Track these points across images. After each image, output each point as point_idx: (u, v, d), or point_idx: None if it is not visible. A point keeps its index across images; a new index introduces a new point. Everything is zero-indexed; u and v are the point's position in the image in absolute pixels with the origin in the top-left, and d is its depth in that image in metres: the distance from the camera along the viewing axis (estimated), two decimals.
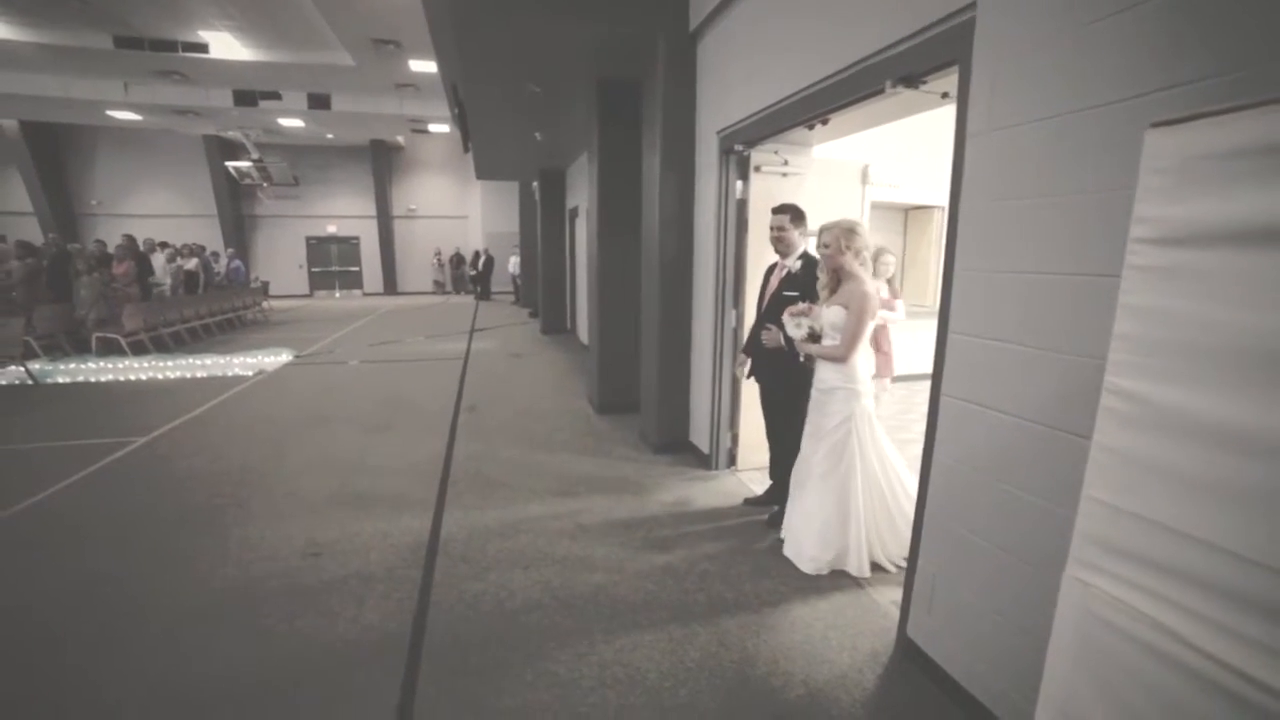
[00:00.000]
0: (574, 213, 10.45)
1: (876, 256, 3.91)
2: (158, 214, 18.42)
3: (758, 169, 3.80)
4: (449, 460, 4.44)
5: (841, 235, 2.86)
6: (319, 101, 14.50)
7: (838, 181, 4.04)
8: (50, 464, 4.35)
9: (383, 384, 7.08)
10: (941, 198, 7.09)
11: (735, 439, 4.16)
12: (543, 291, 11.61)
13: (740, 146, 3.72)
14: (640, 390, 5.04)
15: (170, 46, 11.56)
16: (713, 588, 2.76)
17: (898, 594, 2.45)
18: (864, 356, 2.92)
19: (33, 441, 4.92)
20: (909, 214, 7.46)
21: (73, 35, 11.19)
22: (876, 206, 6.04)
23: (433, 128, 16.99)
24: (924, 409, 2.20)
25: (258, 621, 2.51)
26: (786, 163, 3.84)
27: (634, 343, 5.25)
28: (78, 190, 18.28)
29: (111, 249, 9.72)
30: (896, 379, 4.52)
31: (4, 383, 6.83)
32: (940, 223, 6.97)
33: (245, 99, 13.91)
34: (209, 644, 2.38)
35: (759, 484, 3.93)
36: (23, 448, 4.80)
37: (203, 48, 11.66)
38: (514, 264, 17.48)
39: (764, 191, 3.84)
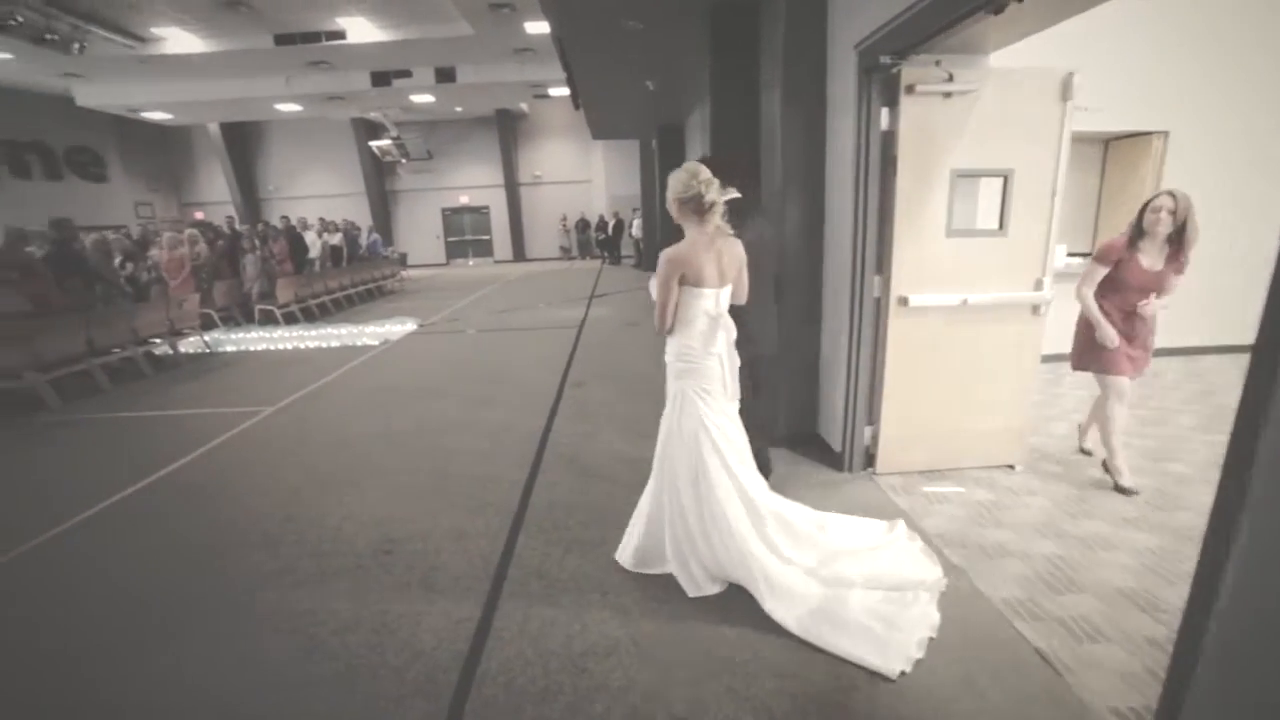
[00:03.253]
0: None
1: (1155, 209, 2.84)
2: (317, 195, 20.41)
3: (910, 90, 2.87)
4: (544, 445, 4.11)
5: None
6: (445, 75, 14.88)
7: (1025, 100, 2.96)
8: (193, 432, 4.67)
9: (495, 354, 7.02)
10: (1168, 120, 5.47)
11: (876, 436, 3.35)
12: (658, 248, 11.08)
13: (888, 59, 2.81)
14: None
15: (315, 37, 12.41)
16: None
17: None
18: None
19: (189, 408, 5.39)
20: (1110, 146, 5.80)
21: (243, 40, 12.44)
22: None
23: (553, 91, 16.84)
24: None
25: (307, 629, 2.31)
26: (951, 78, 2.86)
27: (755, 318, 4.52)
28: (259, 178, 20.75)
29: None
30: (1048, 358, 3.46)
31: (189, 350, 7.70)
32: (1163, 156, 5.31)
33: (380, 80, 14.64)
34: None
35: (902, 493, 3.12)
36: (180, 414, 5.25)
37: (341, 34, 12.36)
38: (635, 227, 17.10)
39: (920, 120, 2.91)
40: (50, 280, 6.59)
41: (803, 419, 3.87)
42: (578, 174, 21.23)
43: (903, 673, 1.91)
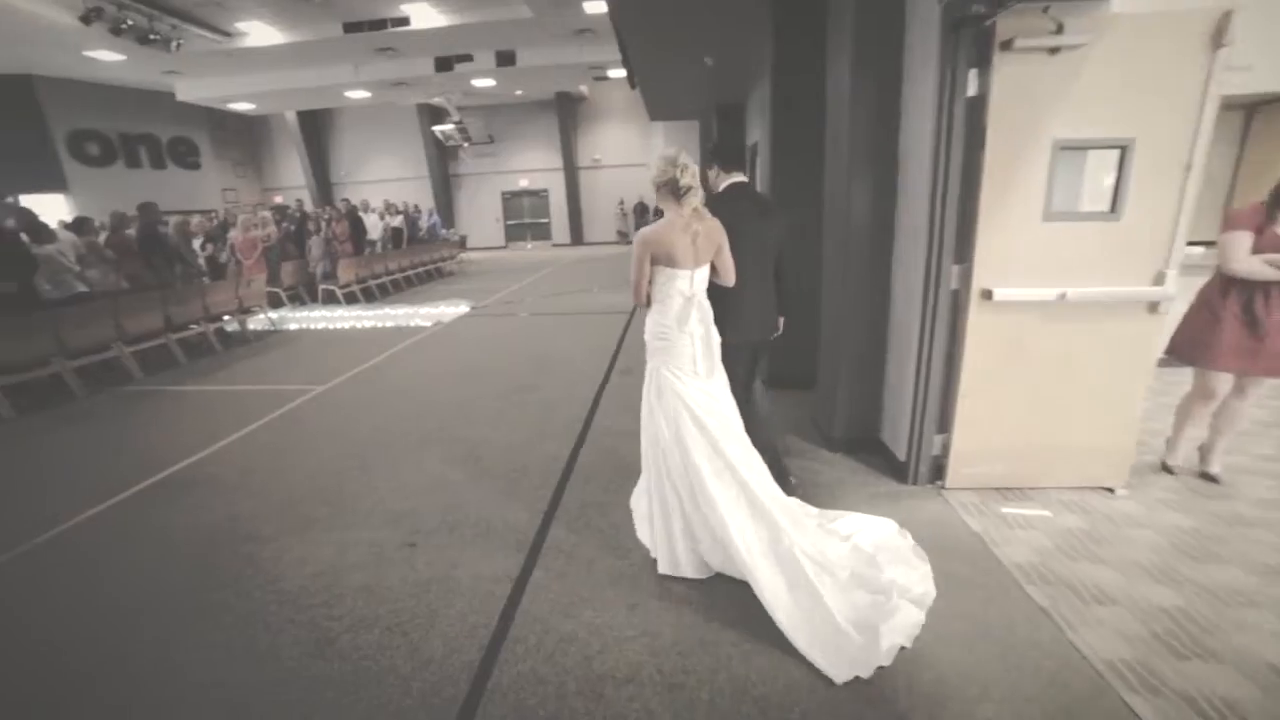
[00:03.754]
0: (753, 150, 9.26)
1: None
2: (384, 179, 21.05)
3: (1007, 45, 2.45)
4: (584, 435, 3.94)
5: None
6: (505, 58, 14.91)
7: (1158, 52, 2.46)
8: (246, 408, 4.79)
9: (544, 338, 6.93)
10: None
11: (947, 446, 2.97)
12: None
13: (982, 6, 2.40)
14: (818, 366, 3.99)
15: (381, 24, 12.65)
16: None
17: None
18: None
19: (247, 384, 5.56)
20: (1255, 113, 4.96)
21: (315, 30, 12.85)
22: None
23: (612, 73, 16.61)
24: None
25: (323, 627, 2.22)
26: (1060, 28, 2.42)
27: (813, 304, 4.17)
28: (332, 163, 21.61)
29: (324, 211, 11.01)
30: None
31: (256, 327, 8.02)
32: None
33: (443, 64, 14.82)
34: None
35: (975, 513, 2.74)
36: (238, 389, 5.42)
37: (405, 20, 12.55)
38: None
39: (1017, 82, 2.49)
40: (140, 260, 6.99)
41: (863, 422, 3.52)
42: (636, 157, 20.94)
43: (857, 678, 1.86)
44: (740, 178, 2.74)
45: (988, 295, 2.70)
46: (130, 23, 10.77)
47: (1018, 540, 2.53)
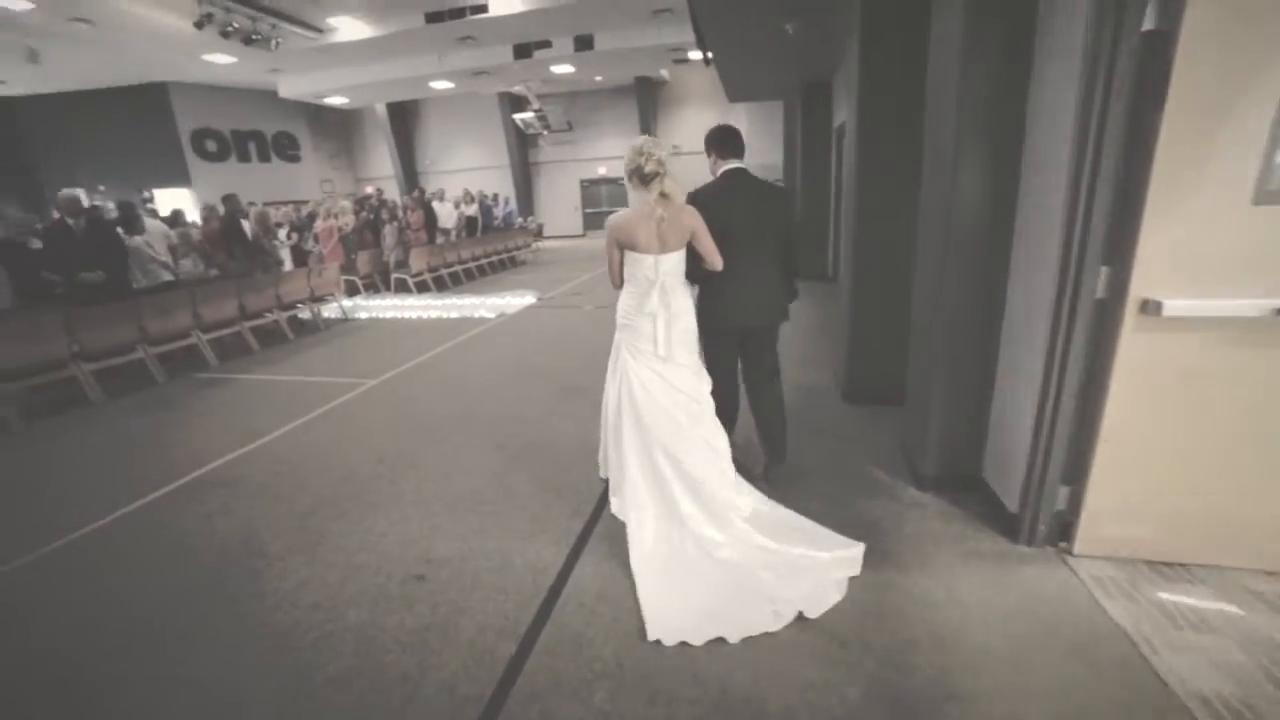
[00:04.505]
0: (840, 131, 8.42)
1: None
2: (466, 168, 21.50)
3: None
4: None
5: None
6: (584, 43, 14.68)
7: None
8: (296, 401, 4.76)
9: (604, 333, 6.53)
10: None
11: (1078, 500, 2.29)
12: (800, 226, 9.90)
13: None
14: (907, 382, 3.35)
15: (460, 12, 12.71)
16: None
17: None
18: None
19: (307, 374, 5.58)
20: None
21: (399, 22, 13.12)
22: None
23: (693, 55, 15.96)
24: None
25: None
26: None
27: (904, 309, 3.52)
28: (417, 153, 22.37)
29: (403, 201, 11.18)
30: None
31: (329, 315, 8.21)
32: None
33: (522, 52, 14.79)
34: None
35: (1118, 594, 2.07)
36: (298, 380, 5.44)
37: (483, 8, 12.54)
38: None
39: (1226, 10, 1.77)
40: (224, 251, 7.29)
41: (961, 455, 2.86)
42: None
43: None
44: (736, 164, 2.80)
45: (1152, 308, 1.99)
46: (236, 25, 11.52)
47: (1189, 647, 1.83)
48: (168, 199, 16.33)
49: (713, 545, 2.33)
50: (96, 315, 5.15)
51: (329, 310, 8.18)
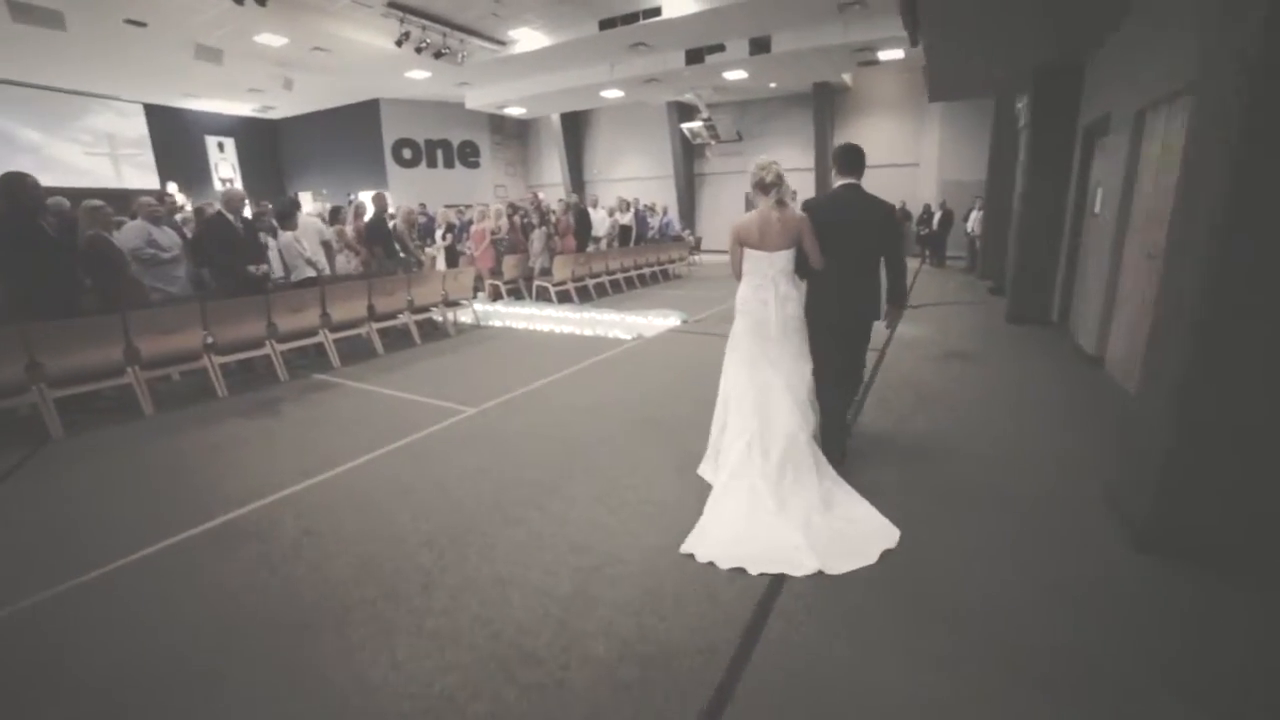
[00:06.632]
0: (1096, 127, 6.29)
1: None
2: (631, 177, 21.38)
3: None
4: (769, 605, 2.25)
5: None
6: (759, 46, 13.56)
7: None
8: (384, 425, 4.18)
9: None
10: None
11: None
12: (1017, 257, 7.73)
13: None
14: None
15: (634, 17, 12.28)
16: None
17: None
18: None
19: (412, 391, 5.05)
20: None
21: (574, 30, 13.08)
22: None
23: (883, 55, 14.03)
24: None
25: None
26: None
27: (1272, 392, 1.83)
28: (586, 163, 22.80)
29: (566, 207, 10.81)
30: None
31: (463, 320, 7.91)
32: None
33: (694, 57, 14.10)
34: None
35: None
36: (400, 396, 4.93)
37: (656, 11, 11.96)
38: (974, 220, 13.31)
39: None
40: (368, 249, 7.27)
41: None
42: (903, 156, 17.75)
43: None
44: (851, 180, 3.11)
45: None
46: (428, 41, 12.20)
47: None
48: (367, 200, 18.25)
49: (778, 503, 2.62)
50: (228, 309, 5.08)
51: (464, 315, 7.89)
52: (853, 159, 3.15)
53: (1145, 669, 1.81)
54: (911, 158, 17.69)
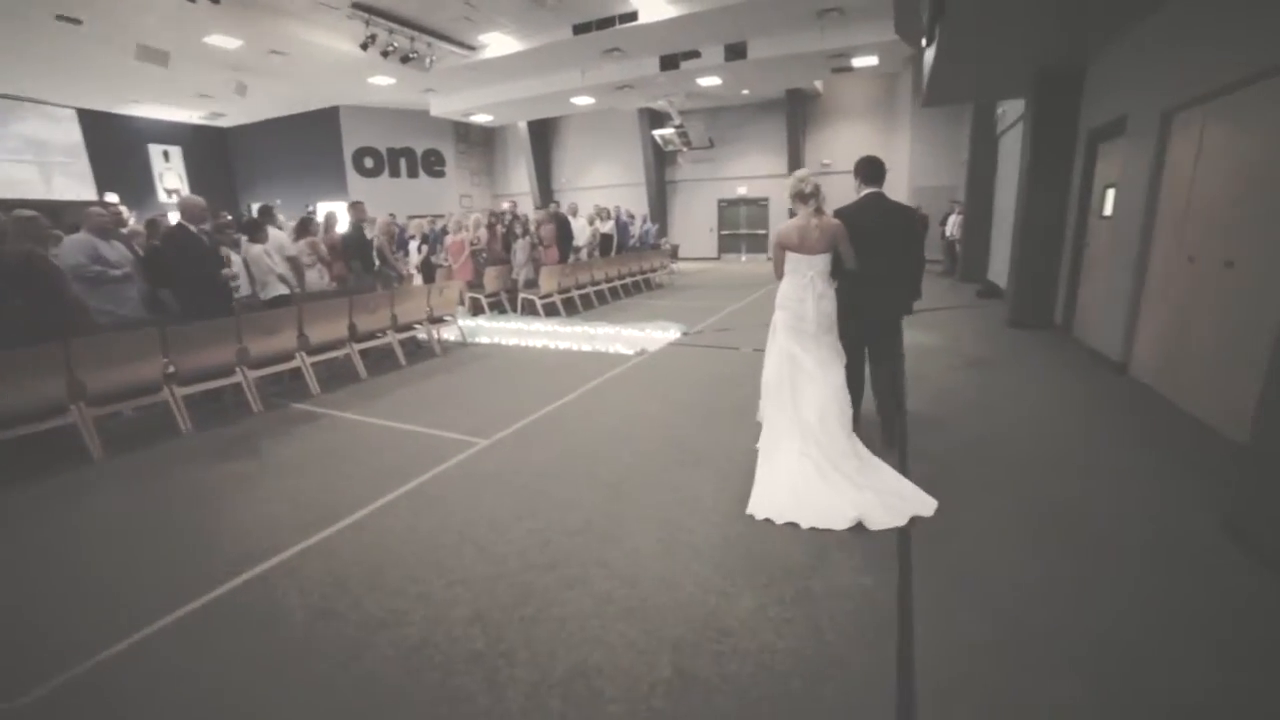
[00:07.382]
0: (1105, 130, 6.24)
1: None
2: (602, 185, 20.97)
3: None
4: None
5: None
6: (735, 52, 13.41)
7: None
8: (390, 461, 3.65)
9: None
10: None
11: None
12: (1018, 263, 7.65)
13: None
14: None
15: (609, 22, 11.93)
16: None
17: None
18: None
19: (408, 421, 4.51)
20: None
21: (547, 35, 12.64)
22: None
23: (857, 61, 14.11)
24: None
25: None
26: None
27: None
28: (554, 171, 22.30)
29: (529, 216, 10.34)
30: None
31: (447, 337, 7.35)
32: None
33: (669, 63, 13.84)
34: None
35: None
36: (393, 427, 4.38)
37: (633, 16, 11.66)
38: (952, 224, 13.45)
39: None
40: (344, 262, 6.65)
41: None
42: None
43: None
44: (875, 189, 3.49)
45: None
46: (395, 44, 11.62)
47: None
48: (326, 211, 17.30)
49: (821, 475, 2.93)
50: (193, 333, 4.45)
51: (448, 332, 7.33)
52: (875, 170, 3.52)
53: None
54: (887, 162, 17.87)
